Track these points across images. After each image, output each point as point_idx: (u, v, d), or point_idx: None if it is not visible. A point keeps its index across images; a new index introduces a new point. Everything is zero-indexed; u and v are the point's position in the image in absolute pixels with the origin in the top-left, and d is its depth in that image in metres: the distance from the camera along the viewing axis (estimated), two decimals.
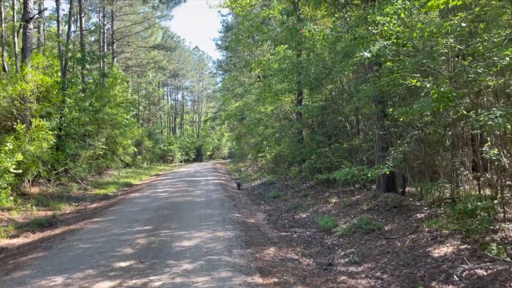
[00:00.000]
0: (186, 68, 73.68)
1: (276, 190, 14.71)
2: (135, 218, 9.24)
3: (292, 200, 12.41)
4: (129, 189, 18.65)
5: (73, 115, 16.73)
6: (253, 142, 27.24)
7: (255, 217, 9.99)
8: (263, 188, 16.33)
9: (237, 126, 37.69)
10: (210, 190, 15.05)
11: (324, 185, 13.14)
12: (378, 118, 9.97)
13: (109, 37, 35.14)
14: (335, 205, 10.35)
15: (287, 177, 17.61)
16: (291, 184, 15.22)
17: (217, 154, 74.57)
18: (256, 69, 20.21)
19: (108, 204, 12.90)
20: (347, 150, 11.84)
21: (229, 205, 11.18)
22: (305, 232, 8.53)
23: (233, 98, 35.73)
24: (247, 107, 28.30)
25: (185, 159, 57.73)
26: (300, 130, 15.19)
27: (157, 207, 10.87)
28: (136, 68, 43.41)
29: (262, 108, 22.22)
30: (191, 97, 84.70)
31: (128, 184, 21.62)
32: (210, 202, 11.65)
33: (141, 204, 11.81)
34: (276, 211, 11.32)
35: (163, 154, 50.68)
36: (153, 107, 54.35)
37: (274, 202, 12.92)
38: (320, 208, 10.50)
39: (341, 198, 10.83)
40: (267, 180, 18.51)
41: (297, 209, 11.05)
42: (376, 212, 8.76)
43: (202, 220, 8.87)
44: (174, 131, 71.35)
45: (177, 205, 11.25)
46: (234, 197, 13.40)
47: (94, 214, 10.79)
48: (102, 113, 22.89)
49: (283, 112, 19.62)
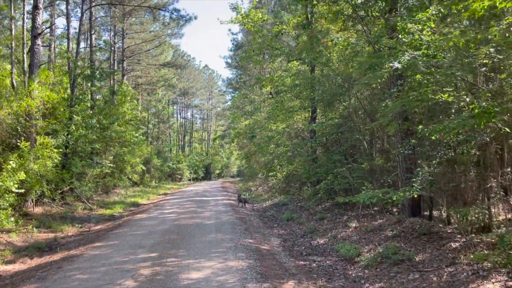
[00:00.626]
0: (196, 87, 73.91)
1: (289, 212, 13.94)
2: (139, 244, 8.55)
3: (308, 224, 11.63)
4: (136, 209, 17.99)
5: (79, 133, 16.25)
6: (264, 160, 26.55)
7: (269, 242, 9.23)
8: (275, 210, 15.56)
9: (246, 145, 37.09)
10: (220, 212, 14.33)
11: (341, 208, 12.36)
12: (402, 136, 9.26)
13: (119, 55, 35.16)
14: (356, 230, 9.56)
15: (300, 197, 16.84)
16: (305, 206, 14.44)
17: (226, 173, 73.92)
18: (267, 86, 19.72)
19: (113, 226, 12.24)
20: (367, 171, 11.10)
21: (240, 229, 10.44)
22: (325, 261, 7.75)
23: (243, 116, 35.28)
24: (257, 125, 27.75)
25: (194, 178, 57.16)
26: (314, 149, 14.50)
27: (164, 231, 10.17)
28: (146, 86, 43.34)
29: (273, 126, 21.61)
30: (200, 115, 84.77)
31: (135, 203, 20.99)
32: (220, 225, 10.93)
33: (147, 227, 11.13)
34: (291, 235, 10.55)
35: (171, 172, 50.19)
36: (162, 125, 54.16)
37: (288, 225, 12.15)
38: (339, 233, 9.71)
39: (362, 223, 10.04)
40: (278, 201, 17.75)
41: (314, 234, 10.28)
42: (403, 239, 7.96)
43: (212, 246, 8.15)
44: (183, 149, 71.10)
45: (185, 228, 10.55)
46: (245, 219, 12.66)
47: (97, 237, 10.12)
48: (110, 130, 22.48)
49: (295, 130, 18.97)
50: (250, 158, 34.82)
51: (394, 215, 9.99)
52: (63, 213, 14.85)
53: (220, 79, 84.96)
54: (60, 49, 25.71)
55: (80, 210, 16.13)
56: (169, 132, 61.16)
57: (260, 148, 23.46)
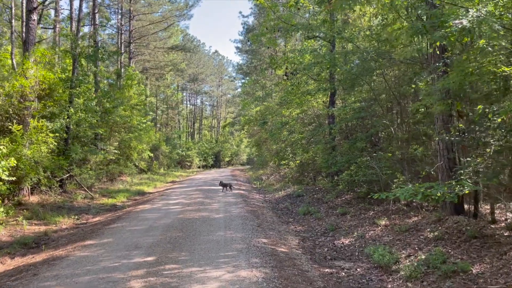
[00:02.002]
0: (206, 73, 72.51)
1: (305, 205, 12.66)
2: (136, 243, 7.35)
3: (328, 219, 10.34)
4: (140, 199, 16.89)
5: (79, 116, 15.07)
6: (275, 148, 25.25)
7: (286, 242, 7.97)
8: (289, 202, 14.29)
9: (257, 132, 35.77)
10: (230, 203, 13.11)
11: (365, 201, 11.03)
12: (445, 119, 7.85)
13: (126, 38, 33.88)
14: (386, 229, 8.25)
15: (315, 188, 15.53)
16: (323, 198, 13.13)
17: (236, 160, 72.84)
18: (280, 69, 18.29)
19: (112, 218, 11.09)
20: (398, 160, 9.72)
21: (252, 225, 9.20)
22: (354, 268, 6.47)
23: (253, 102, 33.89)
24: (269, 111, 26.38)
25: (203, 165, 56.20)
26: (333, 136, 13.11)
27: (166, 226, 8.98)
28: (154, 71, 42.05)
29: (286, 111, 20.24)
30: (210, 102, 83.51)
31: (140, 192, 19.91)
32: (230, 221, 9.70)
33: (149, 220, 9.95)
34: (310, 233, 9.28)
35: (180, 159, 49.27)
36: (171, 111, 53.01)
37: (305, 220, 10.88)
38: (366, 232, 8.41)
39: (392, 220, 8.71)
40: (292, 191, 16.47)
41: (336, 232, 9.00)
42: (449, 243, 6.63)
43: (221, 248, 6.91)
44: (192, 136, 70.14)
45: (190, 223, 9.34)
46: (257, 213, 11.41)
47: (91, 232, 8.97)
48: (115, 115, 21.35)
49: (311, 115, 17.57)
50: (261, 146, 33.55)
51: (431, 211, 8.64)
52: (61, 202, 13.77)
53: (230, 65, 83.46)
54: (63, 29, 24.45)
55: (80, 199, 15.05)
56: (178, 119, 60.05)
57: (272, 135, 22.14)
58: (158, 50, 38.75)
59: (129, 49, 33.01)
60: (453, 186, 6.34)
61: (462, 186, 6.19)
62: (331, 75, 14.23)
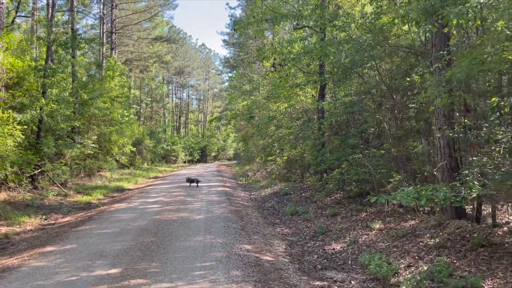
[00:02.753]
0: (192, 66, 71.32)
1: (293, 204, 11.94)
2: (101, 250, 6.50)
3: (317, 221, 9.62)
4: (118, 196, 15.95)
5: (51, 107, 14.02)
6: (262, 144, 24.49)
7: (271, 249, 7.21)
8: (276, 200, 13.55)
9: (244, 126, 34.98)
10: (212, 202, 12.30)
11: (356, 201, 10.34)
12: (446, 114, 7.16)
13: (109, 28, 32.59)
14: (381, 234, 7.55)
15: (303, 186, 14.83)
16: (312, 197, 12.42)
17: (222, 155, 71.92)
18: (268, 61, 17.48)
19: (82, 219, 10.18)
20: (393, 158, 9.02)
21: (235, 228, 8.41)
22: (348, 280, 5.74)
23: (240, 97, 33.07)
24: (256, 105, 25.58)
25: (189, 160, 55.21)
26: (322, 132, 12.37)
27: (140, 229, 8.13)
28: (138, 62, 40.77)
29: (274, 106, 19.47)
30: (196, 95, 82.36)
31: (119, 188, 18.95)
32: (211, 223, 8.89)
33: (121, 222, 9.08)
34: (298, 236, 8.54)
35: (166, 154, 48.22)
36: (155, 105, 51.80)
37: (293, 221, 10.14)
38: (359, 237, 7.70)
39: (387, 224, 8.02)
40: (279, 189, 15.73)
41: (327, 236, 8.27)
42: (453, 252, 5.95)
43: (198, 257, 6.11)
44: (178, 130, 69.00)
45: (166, 226, 8.51)
46: (241, 213, 10.63)
47: (55, 236, 8.07)
48: (93, 107, 20.28)
49: (299, 110, 16.82)
50: (247, 141, 32.77)
51: (429, 214, 7.98)
52: (29, 200, 12.77)
53: (217, 58, 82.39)
54: (38, 17, 23.16)
55: (52, 196, 14.05)
56: (164, 112, 58.83)
57: (259, 130, 21.36)
58: (142, 41, 37.54)
59: (111, 39, 31.76)
60: (457, 188, 5.66)
61: (469, 188, 5.52)
62: (321, 67, 13.48)
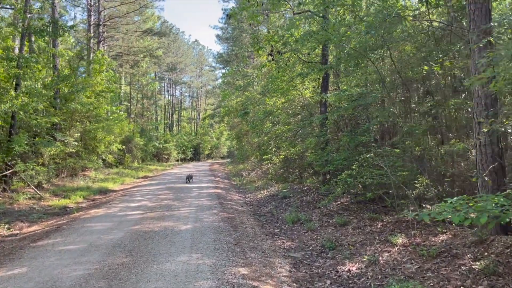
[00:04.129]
0: (185, 62, 69.82)
1: (293, 210, 10.57)
2: (56, 278, 5.07)
3: (323, 231, 8.25)
4: (99, 199, 14.49)
5: (21, 101, 12.50)
6: (257, 141, 23.09)
7: (272, 272, 5.82)
8: (273, 205, 12.17)
9: (237, 124, 33.56)
10: (203, 207, 10.88)
11: (368, 208, 8.99)
12: (489, 104, 5.81)
13: (96, 20, 30.93)
14: (407, 251, 6.19)
15: (303, 188, 13.46)
16: (314, 201, 11.05)
17: (216, 153, 70.53)
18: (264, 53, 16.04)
19: (49, 229, 8.72)
20: (416, 159, 7.66)
21: (228, 242, 7.02)
22: None
23: (234, 93, 31.64)
24: (251, 101, 24.17)
25: (182, 158, 53.76)
26: (327, 128, 10.98)
27: (112, 245, 6.70)
28: (128, 57, 39.09)
29: (270, 101, 18.05)
30: (189, 93, 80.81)
31: (103, 190, 17.47)
32: (200, 235, 7.48)
33: (93, 234, 7.65)
34: (303, 251, 7.16)
35: (158, 152, 46.78)
36: (147, 101, 50.14)
37: (295, 231, 8.76)
38: (379, 254, 6.34)
39: (412, 238, 6.66)
40: (276, 191, 14.37)
41: (338, 252, 6.90)
42: (510, 280, 4.60)
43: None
44: (171, 128, 67.48)
45: (145, 240, 7.09)
46: (235, 221, 9.23)
47: (8, 254, 6.61)
48: (75, 102, 18.76)
49: (299, 104, 15.42)
50: (241, 139, 31.35)
51: (462, 226, 6.63)
52: None
53: (210, 55, 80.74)
54: None
55: (23, 200, 12.57)
56: (155, 109, 57.20)
57: (254, 127, 19.98)
58: (132, 34, 35.92)
59: (98, 31, 30.14)
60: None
61: None
62: (323, 55, 12.09)
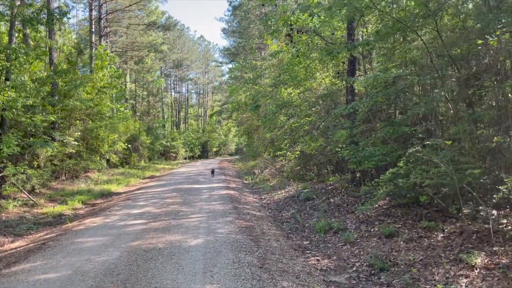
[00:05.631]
0: (191, 58, 68.46)
1: (321, 215, 9.01)
2: None
3: (365, 244, 6.68)
4: (100, 204, 13.07)
5: (7, 96, 11.06)
6: (270, 137, 21.54)
7: None
8: (295, 208, 10.61)
9: (246, 120, 32.06)
10: (215, 213, 9.36)
11: (412, 211, 7.40)
12: None
13: (97, 14, 29.52)
14: (494, 275, 4.61)
15: (327, 188, 11.89)
16: (344, 204, 9.47)
17: (224, 151, 69.19)
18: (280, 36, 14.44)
19: (33, 246, 7.25)
20: (489, 151, 6.05)
21: (251, 263, 5.49)
22: None
23: (242, 88, 30.10)
24: (262, 94, 22.61)
25: (190, 156, 52.46)
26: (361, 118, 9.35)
27: (103, 272, 5.21)
28: (132, 53, 37.64)
29: (285, 92, 16.45)
30: (196, 89, 79.36)
31: (105, 193, 16.06)
32: (215, 253, 5.96)
33: (82, 254, 6.17)
34: (346, 274, 5.61)
35: (165, 150, 45.51)
36: (152, 98, 48.79)
37: (329, 243, 7.21)
38: (453, 279, 4.77)
39: (492, 256, 5.07)
40: (295, 191, 12.81)
41: (394, 275, 5.34)
42: None
43: None
44: (178, 126, 66.24)
45: (146, 262, 5.59)
46: (255, 232, 7.69)
47: None
48: (73, 99, 17.35)
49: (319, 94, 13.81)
50: (251, 135, 29.84)
51: None
52: None
53: (217, 51, 79.16)
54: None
55: (13, 208, 11.16)
56: (162, 107, 55.80)
57: (266, 121, 18.43)
58: (135, 28, 34.46)
59: (99, 26, 28.75)
60: None
61: None
62: (349, 34, 10.45)
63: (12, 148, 11.68)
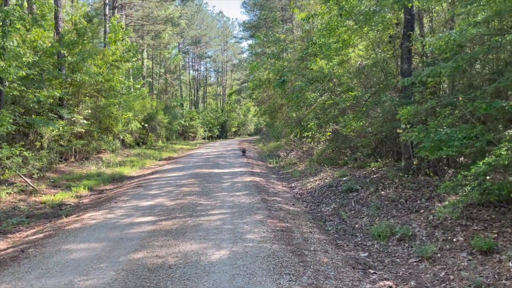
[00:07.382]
0: (209, 35, 66.13)
1: (374, 213, 7.16)
2: None
3: (452, 262, 4.82)
4: (109, 190, 11.53)
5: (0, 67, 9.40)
6: (296, 116, 19.56)
7: None
8: (336, 202, 8.76)
9: (268, 98, 30.02)
10: (241, 210, 7.61)
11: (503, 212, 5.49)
12: None
13: None
14: None
15: (373, 176, 9.96)
16: (400, 199, 7.57)
17: (243, 131, 67.45)
18: None
19: (11, 253, 5.68)
20: None
21: None
22: None
23: (264, 64, 27.95)
24: (288, 69, 20.55)
25: (209, 136, 50.94)
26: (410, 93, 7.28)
27: None
28: (149, 27, 35.77)
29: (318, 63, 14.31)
30: (214, 67, 77.20)
31: (116, 177, 14.56)
32: (246, 277, 4.20)
33: (65, 271, 4.52)
34: None
35: (183, 130, 44.06)
36: (170, 76, 47.09)
37: (397, 257, 5.37)
38: None
39: None
40: (332, 179, 10.94)
41: None
42: None
43: None
44: (196, 105, 64.73)
45: None
46: (295, 237, 5.90)
47: None
48: (81, 73, 15.70)
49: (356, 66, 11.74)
50: (274, 114, 27.80)
51: None
52: None
53: (236, 27, 76.43)
54: None
55: (6, 195, 9.68)
56: (180, 85, 54.06)
57: (294, 99, 16.45)
58: (150, 0, 32.50)
59: None
60: None
61: None
62: None
63: (5, 127, 10.12)
